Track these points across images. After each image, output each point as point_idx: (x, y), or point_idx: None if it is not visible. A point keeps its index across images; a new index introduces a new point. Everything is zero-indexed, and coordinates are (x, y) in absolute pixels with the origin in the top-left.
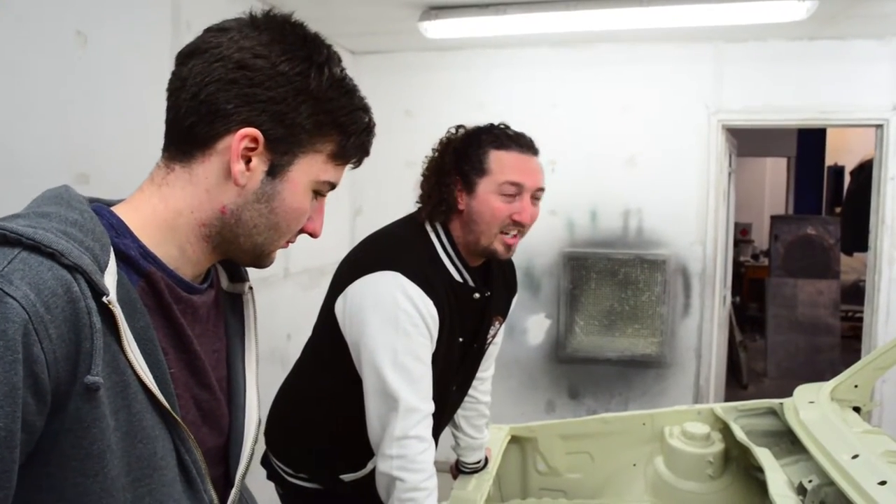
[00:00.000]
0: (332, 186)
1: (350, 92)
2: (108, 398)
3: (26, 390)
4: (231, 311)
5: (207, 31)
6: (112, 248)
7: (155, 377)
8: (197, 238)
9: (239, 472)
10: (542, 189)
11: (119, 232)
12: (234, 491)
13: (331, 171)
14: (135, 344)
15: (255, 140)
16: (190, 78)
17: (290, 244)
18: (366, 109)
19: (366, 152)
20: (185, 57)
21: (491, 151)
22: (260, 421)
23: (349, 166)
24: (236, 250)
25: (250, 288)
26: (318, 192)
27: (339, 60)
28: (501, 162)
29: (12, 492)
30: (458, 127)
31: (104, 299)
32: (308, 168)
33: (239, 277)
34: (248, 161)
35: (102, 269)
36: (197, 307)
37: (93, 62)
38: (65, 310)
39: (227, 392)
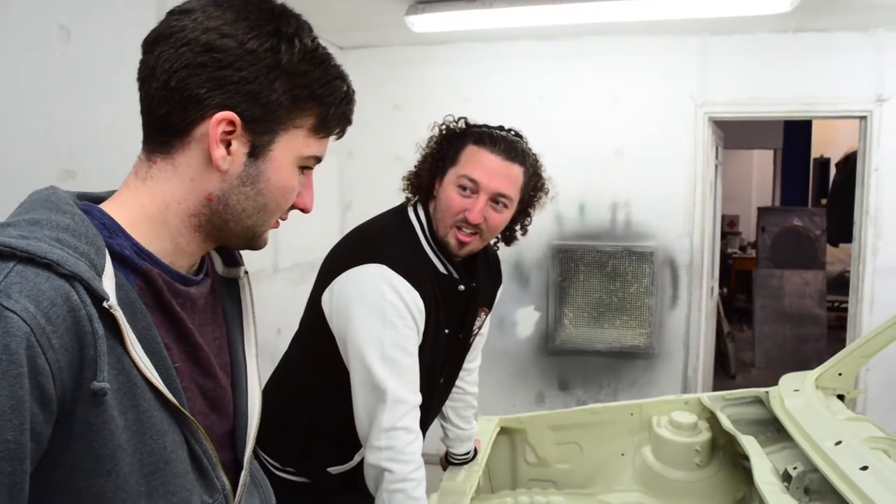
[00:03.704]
0: (318, 160)
1: (324, 62)
2: (116, 400)
3: (33, 402)
4: (227, 295)
5: (170, 13)
6: (107, 250)
7: (160, 374)
8: (188, 229)
9: (246, 453)
10: (503, 195)
11: (112, 231)
12: (243, 473)
13: (314, 144)
14: (138, 344)
15: (232, 123)
16: (158, 66)
17: (281, 221)
18: (342, 77)
19: (348, 121)
20: (151, 44)
21: (468, 145)
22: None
23: (332, 137)
24: (228, 235)
25: (246, 272)
26: (305, 167)
27: (310, 30)
28: (469, 156)
29: (25, 501)
30: (461, 118)
31: (105, 304)
32: (290, 145)
33: (234, 262)
34: (227, 145)
35: (99, 273)
36: (195, 299)
37: (77, 57)
38: (66, 319)
39: (230, 377)
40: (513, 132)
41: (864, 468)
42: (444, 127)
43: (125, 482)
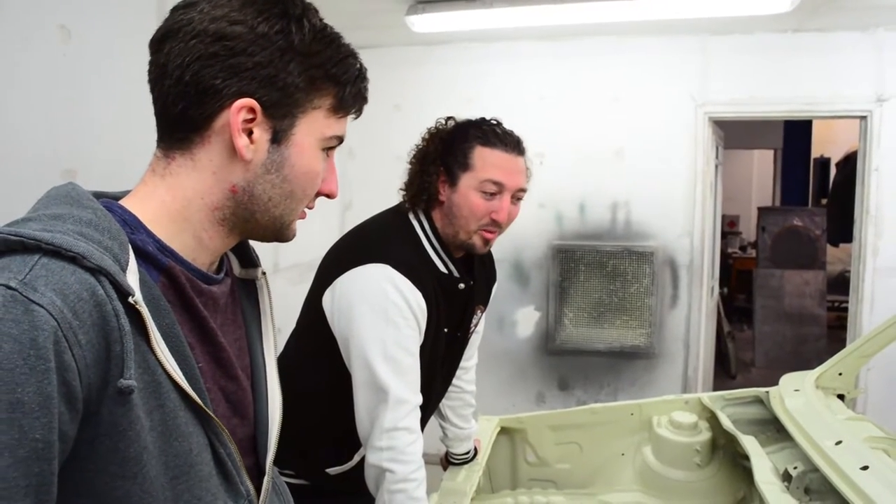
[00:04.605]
0: (340, 140)
1: (334, 40)
2: (142, 399)
3: (60, 399)
4: (245, 297)
5: (174, 9)
6: (130, 246)
7: (184, 374)
8: (212, 224)
9: (268, 458)
10: (523, 190)
11: (133, 227)
12: (266, 479)
13: (334, 125)
14: (163, 342)
15: (252, 110)
16: (169, 62)
17: (308, 211)
18: (354, 55)
19: (364, 99)
20: (159, 42)
21: (476, 147)
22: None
23: (350, 117)
24: (255, 228)
25: (263, 273)
26: (327, 150)
27: (316, 11)
28: (485, 159)
29: (54, 503)
30: (449, 118)
31: (130, 300)
32: (311, 127)
33: (251, 263)
34: (249, 133)
35: (124, 269)
36: (217, 298)
37: (77, 57)
38: (92, 314)
39: (250, 380)
40: (493, 120)
41: (865, 468)
42: (438, 134)
43: (151, 486)
